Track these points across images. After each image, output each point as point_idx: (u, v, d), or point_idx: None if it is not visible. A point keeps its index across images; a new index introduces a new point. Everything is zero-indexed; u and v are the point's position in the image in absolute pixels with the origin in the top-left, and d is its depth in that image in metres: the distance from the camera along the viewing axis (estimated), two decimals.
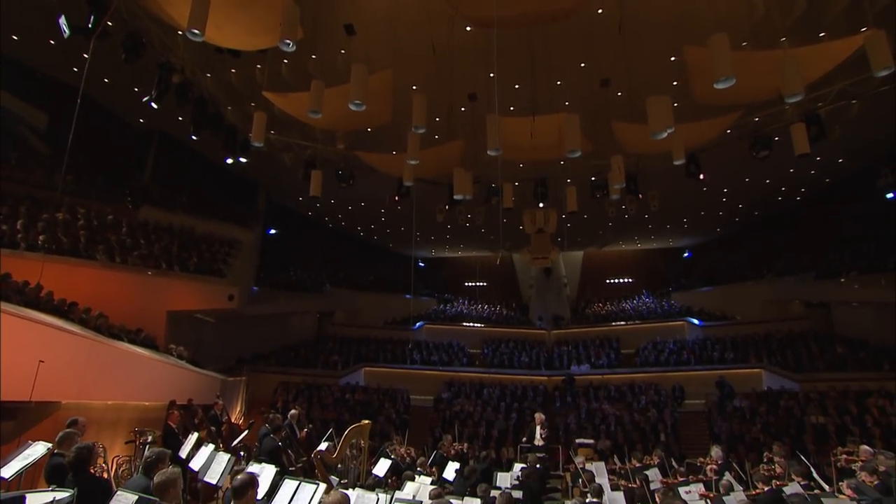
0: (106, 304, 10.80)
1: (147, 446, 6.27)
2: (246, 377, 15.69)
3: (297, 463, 7.69)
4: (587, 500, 5.24)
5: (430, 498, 4.50)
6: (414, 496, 4.50)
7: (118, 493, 2.91)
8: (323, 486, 4.58)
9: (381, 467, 7.64)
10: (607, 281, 30.31)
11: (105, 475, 5.02)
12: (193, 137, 10.83)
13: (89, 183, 15.14)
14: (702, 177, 12.05)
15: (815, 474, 6.76)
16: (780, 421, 13.20)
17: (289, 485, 4.37)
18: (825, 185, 17.91)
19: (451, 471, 8.12)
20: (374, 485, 5.33)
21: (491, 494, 6.13)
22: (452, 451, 10.21)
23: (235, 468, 5.14)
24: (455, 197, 11.71)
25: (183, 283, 14.34)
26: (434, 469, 8.26)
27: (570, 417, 16.03)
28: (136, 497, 2.83)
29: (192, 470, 5.18)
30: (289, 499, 4.23)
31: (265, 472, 4.71)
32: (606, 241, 25.84)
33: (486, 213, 18.49)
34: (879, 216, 15.64)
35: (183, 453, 6.18)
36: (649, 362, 19.29)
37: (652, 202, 16.74)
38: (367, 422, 6.89)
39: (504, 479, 7.42)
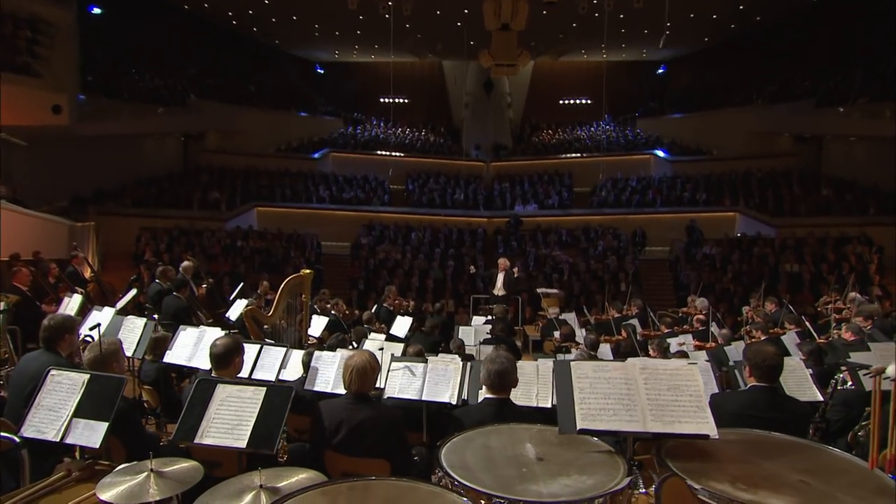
0: None
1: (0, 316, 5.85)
2: (94, 222, 14.75)
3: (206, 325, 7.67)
4: (588, 353, 5.82)
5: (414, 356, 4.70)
6: (392, 354, 4.68)
7: (52, 373, 2.67)
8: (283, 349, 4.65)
9: (318, 326, 7.87)
10: (560, 101, 30.58)
11: None
12: None
13: None
14: None
15: (806, 322, 7.96)
16: (753, 269, 15.06)
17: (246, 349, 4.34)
18: None
19: (399, 326, 8.56)
20: (334, 345, 5.44)
21: (466, 351, 6.63)
22: (398, 305, 10.74)
23: (154, 335, 5.01)
24: None
25: None
26: (382, 325, 8.65)
27: (517, 265, 17.15)
28: (88, 376, 2.61)
29: (89, 339, 4.96)
30: (251, 364, 4.26)
31: (207, 336, 4.63)
32: (566, 49, 25.34)
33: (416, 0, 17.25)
34: None
35: None
36: (608, 203, 20.62)
37: None
38: (308, 271, 6.89)
39: (467, 334, 7.97)
